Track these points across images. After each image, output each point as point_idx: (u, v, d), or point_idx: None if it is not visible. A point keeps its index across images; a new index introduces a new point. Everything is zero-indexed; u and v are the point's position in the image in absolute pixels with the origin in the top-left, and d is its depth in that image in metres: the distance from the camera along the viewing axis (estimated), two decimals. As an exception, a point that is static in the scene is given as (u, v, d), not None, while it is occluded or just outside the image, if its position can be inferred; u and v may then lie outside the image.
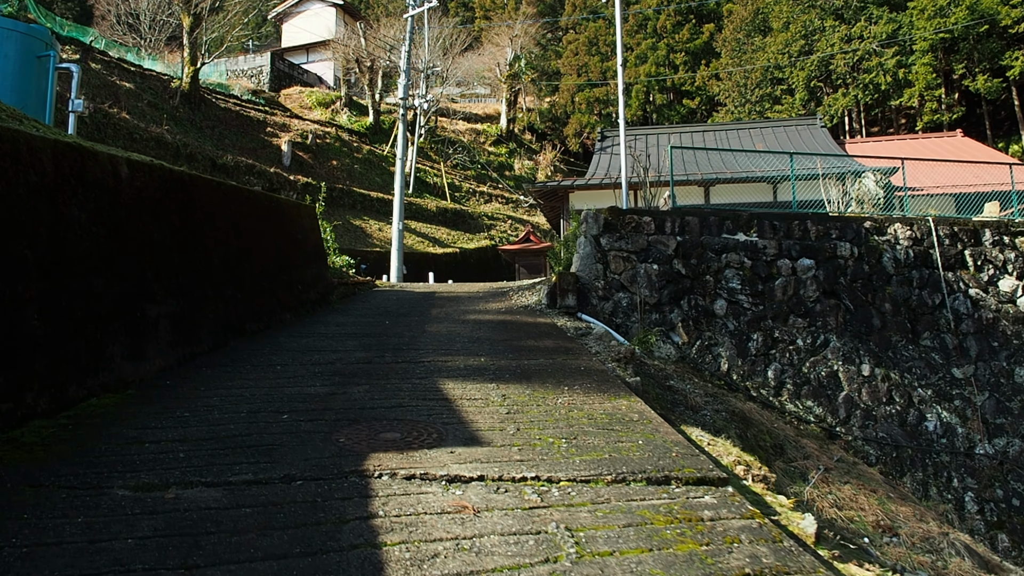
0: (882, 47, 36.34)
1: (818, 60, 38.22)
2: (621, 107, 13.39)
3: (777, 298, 10.11)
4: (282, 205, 9.51)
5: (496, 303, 10.25)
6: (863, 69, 37.00)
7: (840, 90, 38.21)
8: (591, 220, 10.08)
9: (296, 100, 39.74)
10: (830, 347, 9.97)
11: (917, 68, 35.00)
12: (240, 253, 7.81)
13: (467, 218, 35.82)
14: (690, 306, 9.93)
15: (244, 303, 7.62)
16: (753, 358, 9.82)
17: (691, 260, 10.11)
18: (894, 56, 35.72)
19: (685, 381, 8.90)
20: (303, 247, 10.06)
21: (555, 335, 7.88)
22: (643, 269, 9.93)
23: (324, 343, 6.98)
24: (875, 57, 36.31)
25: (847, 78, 37.74)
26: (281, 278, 8.92)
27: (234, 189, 8.04)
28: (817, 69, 38.56)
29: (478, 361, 6.28)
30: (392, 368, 5.88)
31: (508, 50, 49.49)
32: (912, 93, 35.65)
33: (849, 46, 37.10)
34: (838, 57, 37.41)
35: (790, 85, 40.11)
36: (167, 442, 3.74)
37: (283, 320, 8.53)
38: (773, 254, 10.28)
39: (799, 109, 39.03)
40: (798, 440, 8.88)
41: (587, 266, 9.88)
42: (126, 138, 21.62)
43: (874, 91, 37.09)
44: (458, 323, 8.44)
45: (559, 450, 3.84)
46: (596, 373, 6.03)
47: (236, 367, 5.80)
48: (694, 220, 10.35)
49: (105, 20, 38.63)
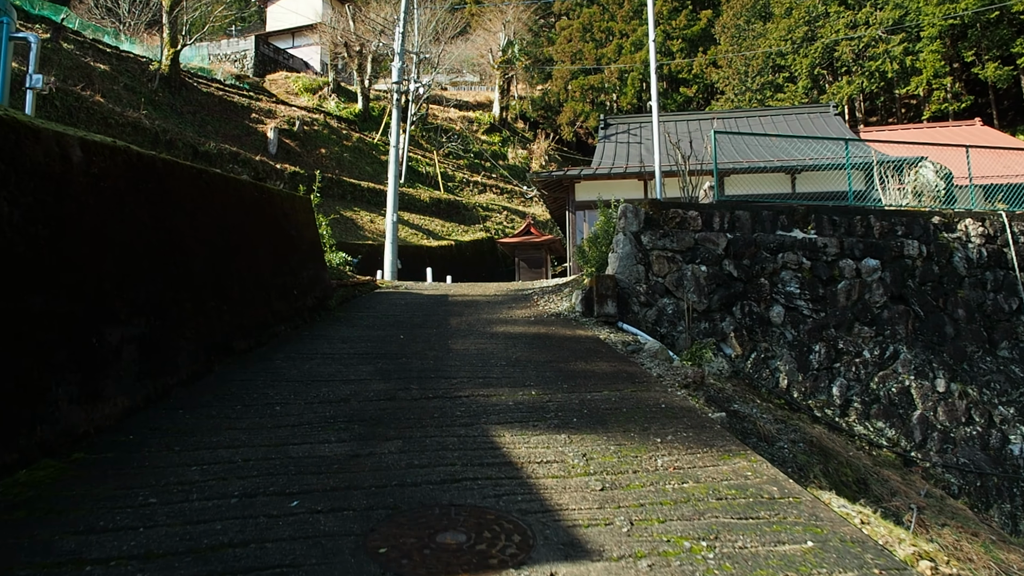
0: (888, 33, 35.23)
1: (822, 47, 37.06)
2: (654, 85, 12.06)
3: (840, 304, 8.90)
4: (273, 196, 8.15)
5: (521, 310, 8.96)
6: (869, 56, 35.86)
7: (845, 78, 37.08)
8: (630, 214, 8.80)
9: (282, 86, 38.03)
10: (900, 359, 8.78)
11: (925, 55, 33.92)
12: (226, 255, 6.48)
13: (461, 209, 34.40)
14: (743, 313, 8.70)
15: (231, 316, 6.30)
16: (815, 372, 8.62)
17: (743, 260, 8.87)
18: (901, 43, 34.60)
19: (748, 403, 7.68)
20: (298, 245, 8.72)
21: (605, 354, 6.62)
22: (690, 271, 8.68)
23: (331, 368, 5.67)
24: (881, 44, 35.18)
25: (852, 65, 36.60)
26: (275, 283, 7.59)
27: (219, 178, 6.69)
28: (821, 56, 37.39)
29: (528, 394, 5.01)
30: (424, 408, 4.59)
31: (501, 35, 47.95)
32: (920, 81, 34.55)
33: (854, 32, 35.94)
34: (843, 44, 36.24)
35: (792, 73, 38.92)
36: (119, 562, 2.44)
37: (278, 334, 7.21)
38: (834, 253, 9.06)
39: (802, 97, 37.89)
40: (878, 471, 7.71)
41: (627, 268, 8.61)
42: (100, 123, 20.04)
43: (880, 79, 35.99)
44: (486, 337, 7.15)
45: (707, 567, 2.59)
46: (681, 412, 4.79)
47: (223, 408, 4.49)
48: (745, 215, 9.10)
49: (83, 3, 36.81)
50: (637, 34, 47.95)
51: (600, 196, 11.14)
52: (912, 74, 34.91)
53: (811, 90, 38.36)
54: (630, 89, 47.36)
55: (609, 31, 49.65)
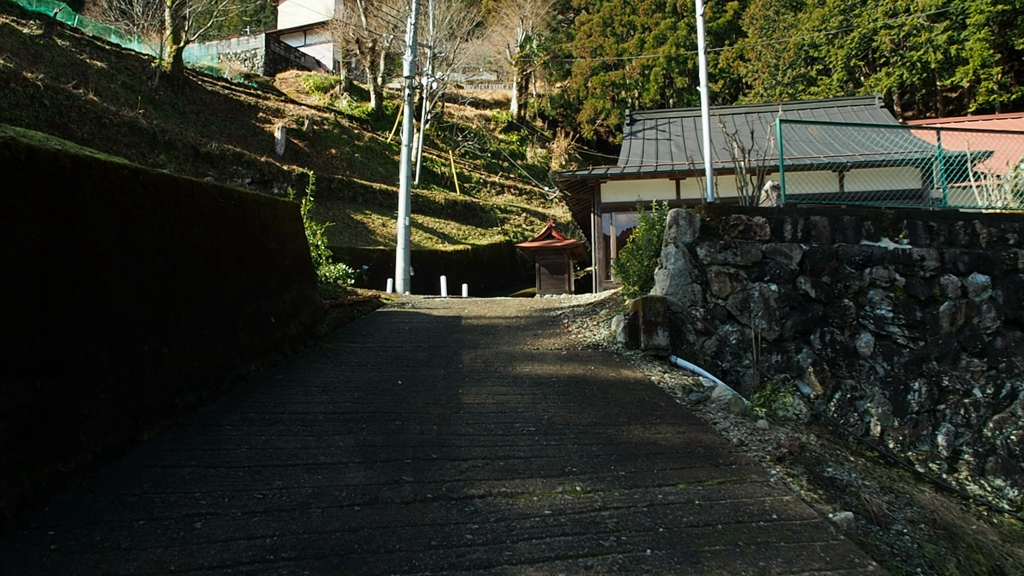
0: (931, 21, 33.21)
1: (859, 37, 35.07)
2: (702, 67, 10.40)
3: (943, 330, 7.23)
4: (247, 203, 6.64)
5: (550, 339, 7.38)
6: (909, 46, 33.84)
7: (883, 69, 35.06)
8: (683, 222, 7.18)
9: (292, 85, 36.72)
10: (1020, 399, 7.10)
11: (971, 44, 31.85)
12: (173, 280, 4.97)
13: (478, 211, 32.83)
14: (824, 343, 7.06)
15: (176, 361, 4.79)
16: (915, 416, 6.96)
17: (822, 277, 7.23)
18: (945, 31, 32.55)
19: (841, 463, 6.04)
20: (279, 261, 7.21)
21: (665, 409, 5.03)
22: (757, 291, 7.06)
23: (297, 441, 4.13)
24: (923, 32, 33.15)
25: (891, 56, 34.58)
26: (244, 310, 6.08)
27: (165, 182, 5.19)
28: (858, 47, 35.40)
29: (572, 491, 3.45)
30: (419, 525, 3.04)
31: (519, 30, 46.36)
32: (965, 71, 32.47)
33: (894, 21, 33.93)
34: (882, 33, 34.23)
35: (827, 65, 36.96)
36: None
37: (245, 378, 5.69)
38: (933, 268, 7.39)
39: (836, 90, 35.90)
40: (1011, 552, 6.04)
41: (680, 287, 7.01)
42: (93, 122, 18.73)
43: (922, 70, 33.94)
44: (508, 383, 5.58)
45: None
46: (803, 530, 3.20)
47: (115, 525, 2.97)
48: (823, 221, 7.46)
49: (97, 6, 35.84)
50: (660, 28, 46.21)
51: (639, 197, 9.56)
52: (957, 64, 32.84)
53: (846, 83, 36.39)
54: (653, 85, 45.61)
55: (631, 25, 47.91)
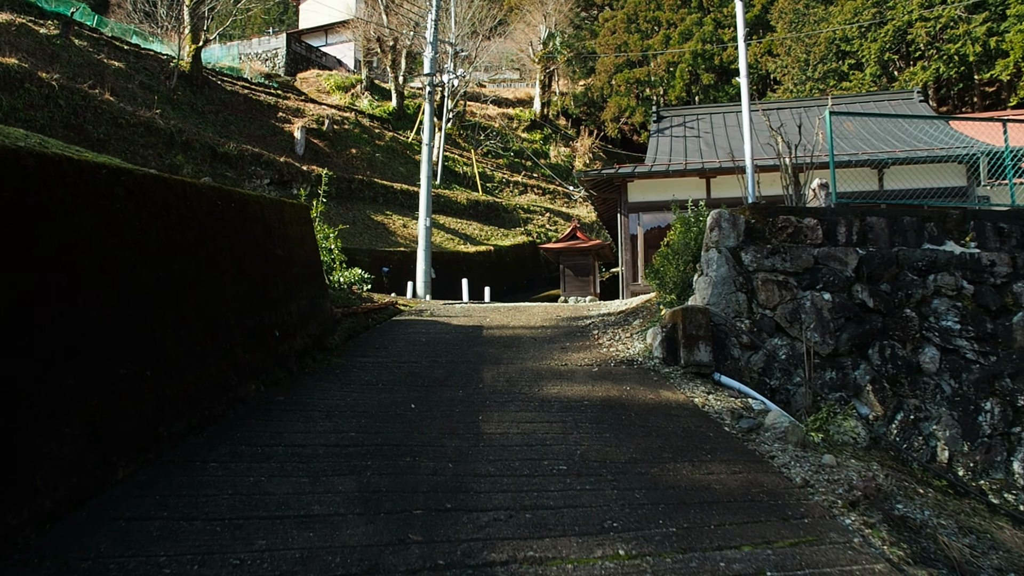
0: (969, 12, 32.02)
1: (893, 30, 33.94)
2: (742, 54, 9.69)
3: (1017, 343, 6.51)
4: (249, 205, 6.09)
5: (579, 352, 6.76)
6: (946, 39, 32.68)
7: (919, 63, 33.91)
8: (726, 224, 6.52)
9: (313, 84, 36.41)
10: (1106, 421, 6.36)
11: (1012, 35, 30.62)
12: (159, 294, 4.44)
13: (501, 211, 32.24)
14: (883, 358, 6.37)
15: (159, 386, 4.25)
16: (987, 440, 6.25)
17: (881, 285, 6.54)
18: (984, 23, 31.36)
19: (911, 497, 5.35)
20: (285, 268, 6.67)
21: (714, 441, 4.39)
22: (809, 300, 6.38)
23: (290, 484, 3.55)
24: (961, 24, 31.98)
25: (927, 49, 33.43)
26: (243, 324, 5.54)
27: (152, 182, 4.65)
28: (892, 40, 34.27)
29: (614, 555, 2.83)
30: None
31: (541, 28, 45.68)
32: (1006, 64, 31.24)
33: (930, 13, 32.77)
34: (917, 25, 33.10)
35: (859, 59, 35.85)
36: None
37: (242, 399, 5.15)
38: (1005, 274, 6.67)
39: (869, 85, 34.80)
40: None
41: (723, 297, 6.35)
42: (109, 123, 18.42)
43: (959, 63, 32.76)
44: (534, 407, 4.97)
45: None
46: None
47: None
48: (880, 223, 6.75)
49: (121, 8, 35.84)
50: (686, 23, 45.30)
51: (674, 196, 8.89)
52: (996, 57, 31.62)
53: (879, 77, 35.26)
54: (679, 82, 44.70)
55: (656, 21, 47.05)
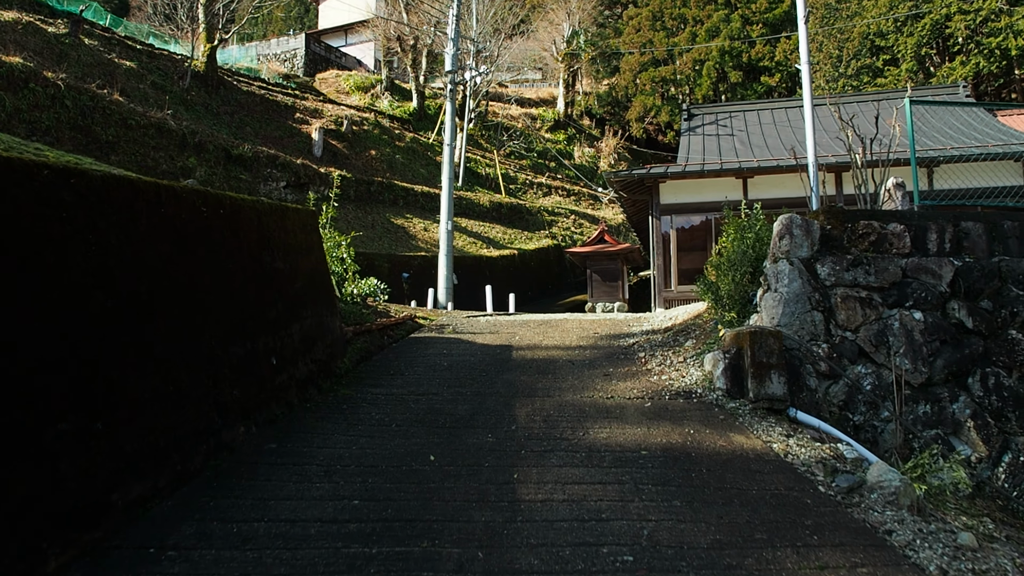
0: (1011, 5, 30.61)
1: (930, 24, 32.59)
2: (803, 39, 8.72)
3: None
4: (242, 212, 5.24)
5: (625, 382, 5.83)
6: (987, 32, 31.29)
7: (958, 58, 32.51)
8: (797, 231, 5.57)
9: (332, 84, 35.76)
10: None
11: (1058, 28, 29.24)
12: (117, 324, 3.59)
13: (524, 214, 31.33)
14: (985, 388, 5.40)
15: (114, 439, 3.40)
16: (1115, 488, 5.26)
17: (981, 302, 5.56)
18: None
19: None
20: (286, 284, 5.82)
21: (816, 511, 3.46)
22: (897, 320, 5.42)
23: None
24: (1003, 17, 30.59)
25: (966, 44, 32.04)
26: (231, 353, 4.68)
27: (112, 185, 3.81)
28: (929, 34, 32.91)
29: None
30: None
31: (565, 26, 44.73)
32: (1052, 58, 29.84)
33: (969, 6, 31.39)
34: (956, 19, 31.74)
35: (894, 54, 34.51)
36: None
37: (227, 446, 4.30)
38: None
39: (905, 81, 33.42)
40: None
41: (796, 316, 5.41)
42: (118, 124, 17.78)
43: (1000, 57, 31.36)
44: (581, 461, 4.06)
45: None
46: None
47: None
48: (976, 228, 5.77)
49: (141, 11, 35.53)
50: (712, 20, 44.13)
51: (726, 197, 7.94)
52: (1042, 50, 30.21)
53: (916, 73, 33.88)
54: (705, 80, 43.53)
55: (681, 18, 45.92)
